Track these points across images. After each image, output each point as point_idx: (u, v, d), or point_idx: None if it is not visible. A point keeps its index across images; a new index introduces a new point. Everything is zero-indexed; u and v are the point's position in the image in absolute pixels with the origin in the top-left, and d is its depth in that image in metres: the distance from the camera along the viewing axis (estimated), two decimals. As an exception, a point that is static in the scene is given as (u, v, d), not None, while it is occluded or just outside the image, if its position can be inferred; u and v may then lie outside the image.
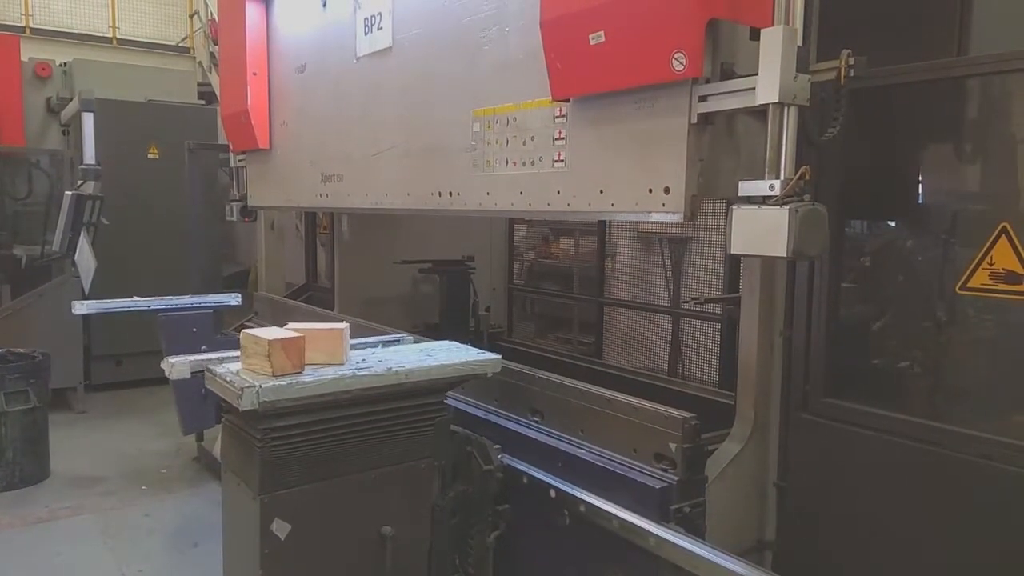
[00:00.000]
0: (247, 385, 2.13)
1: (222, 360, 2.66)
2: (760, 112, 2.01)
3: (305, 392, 2.21)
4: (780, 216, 1.83)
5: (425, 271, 5.65)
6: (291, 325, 2.46)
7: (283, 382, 2.19)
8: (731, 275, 4.59)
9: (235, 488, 2.35)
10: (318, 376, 2.26)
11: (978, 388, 2.19)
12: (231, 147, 5.17)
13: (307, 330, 2.38)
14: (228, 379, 2.22)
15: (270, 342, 2.22)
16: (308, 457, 2.27)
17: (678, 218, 2.12)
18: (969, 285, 2.12)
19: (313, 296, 6.21)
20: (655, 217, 2.21)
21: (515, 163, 2.72)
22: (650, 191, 2.20)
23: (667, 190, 2.15)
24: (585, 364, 4.80)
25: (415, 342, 3.17)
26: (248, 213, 5.39)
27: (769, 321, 2.58)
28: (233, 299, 5.01)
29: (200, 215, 6.63)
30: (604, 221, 6.29)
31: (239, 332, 5.36)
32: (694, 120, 2.08)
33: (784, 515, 2.62)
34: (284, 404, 2.18)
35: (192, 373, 2.64)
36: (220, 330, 5.30)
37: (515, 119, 2.71)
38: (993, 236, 2.06)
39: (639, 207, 2.24)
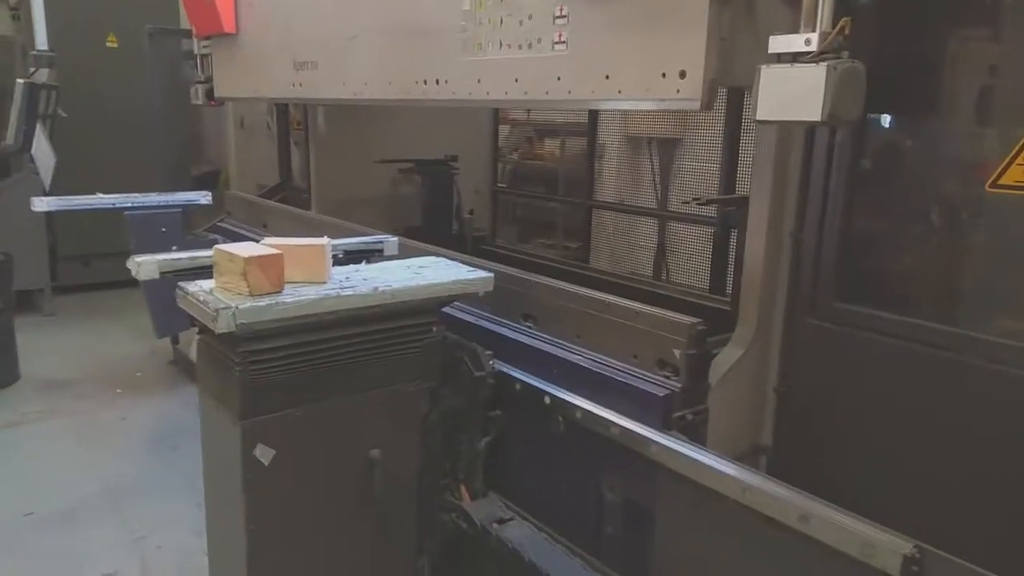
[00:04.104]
0: (222, 306, 1.95)
1: (193, 267, 2.48)
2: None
3: (285, 313, 2.04)
4: (816, 74, 1.63)
5: (406, 171, 5.41)
6: (268, 240, 2.27)
7: (261, 303, 2.01)
8: (727, 176, 4.42)
9: (214, 411, 2.21)
10: (299, 296, 2.08)
11: (1003, 291, 2.08)
12: (194, 32, 4.78)
13: (286, 246, 2.18)
14: (201, 299, 2.04)
15: (246, 260, 2.03)
16: (291, 381, 2.12)
17: (694, 105, 1.92)
18: (1001, 182, 1.97)
19: (288, 197, 5.94)
20: (668, 104, 2.01)
21: (510, 46, 2.47)
22: (663, 75, 1.99)
23: (683, 74, 1.94)
24: (572, 269, 4.67)
25: (400, 245, 3.01)
26: (215, 97, 5.04)
27: (778, 222, 2.43)
28: (203, 197, 4.76)
29: (164, 108, 6.25)
30: (594, 120, 6.05)
31: (210, 232, 5.17)
32: (717, -8, 1.85)
33: (782, 420, 2.56)
34: (263, 326, 2.02)
35: (161, 273, 2.46)
36: (190, 230, 5.08)
37: (510, -5, 2.44)
38: (1032, 129, 1.90)
39: (650, 93, 2.04)
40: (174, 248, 4.49)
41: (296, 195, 5.81)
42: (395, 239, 2.98)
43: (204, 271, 2.46)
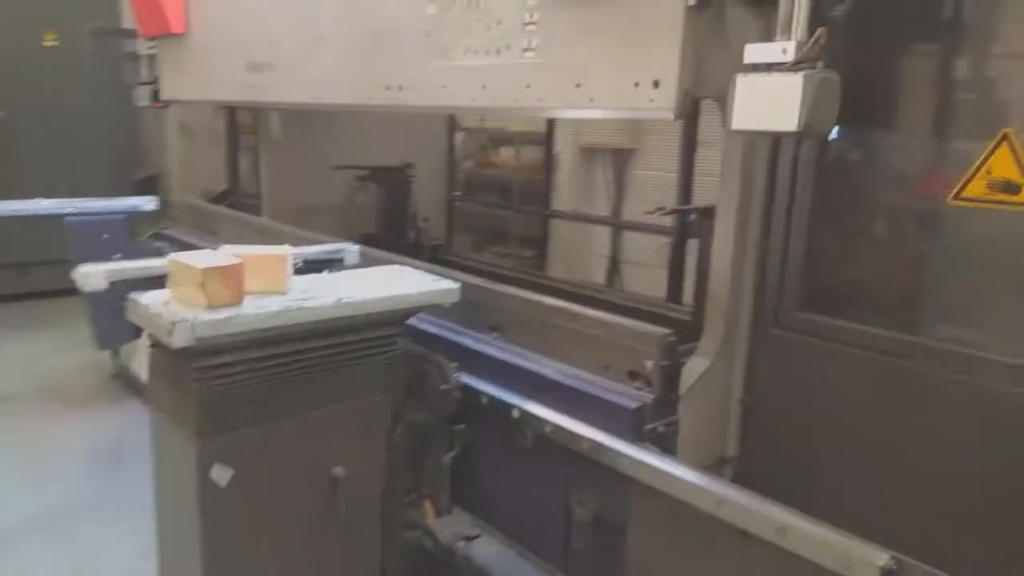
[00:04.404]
0: (179, 319, 1.86)
1: (143, 277, 2.37)
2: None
3: (246, 327, 1.95)
4: (793, 83, 1.64)
5: (362, 178, 5.31)
6: (225, 249, 2.17)
7: (220, 315, 1.92)
8: (684, 187, 4.47)
9: (168, 429, 2.10)
10: (260, 308, 1.99)
11: (965, 302, 2.12)
12: (140, 32, 4.61)
13: (245, 255, 2.09)
14: (155, 311, 1.94)
15: (204, 270, 1.93)
16: (250, 396, 2.03)
17: (668, 115, 1.92)
18: (964, 195, 2.01)
19: (237, 203, 5.78)
20: (641, 114, 2.00)
21: (477, 52, 2.43)
22: (636, 85, 1.98)
23: (656, 83, 1.93)
24: (531, 278, 4.64)
25: (360, 253, 2.93)
26: (161, 99, 4.86)
27: (744, 233, 2.44)
28: (149, 203, 4.58)
29: (106, 109, 6.02)
30: (551, 130, 6.06)
31: (156, 240, 4.98)
32: (691, 2, 1.84)
33: (747, 431, 2.56)
34: (222, 340, 1.93)
35: (109, 284, 2.34)
36: (134, 237, 4.88)
37: (479, 0, 2.40)
38: (993, 144, 1.95)
39: (622, 103, 2.02)
40: (118, 256, 4.33)
41: (246, 201, 5.65)
42: (356, 248, 2.90)
43: (155, 281, 2.35)
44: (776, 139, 2.34)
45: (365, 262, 2.86)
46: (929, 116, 2.13)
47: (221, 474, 2.01)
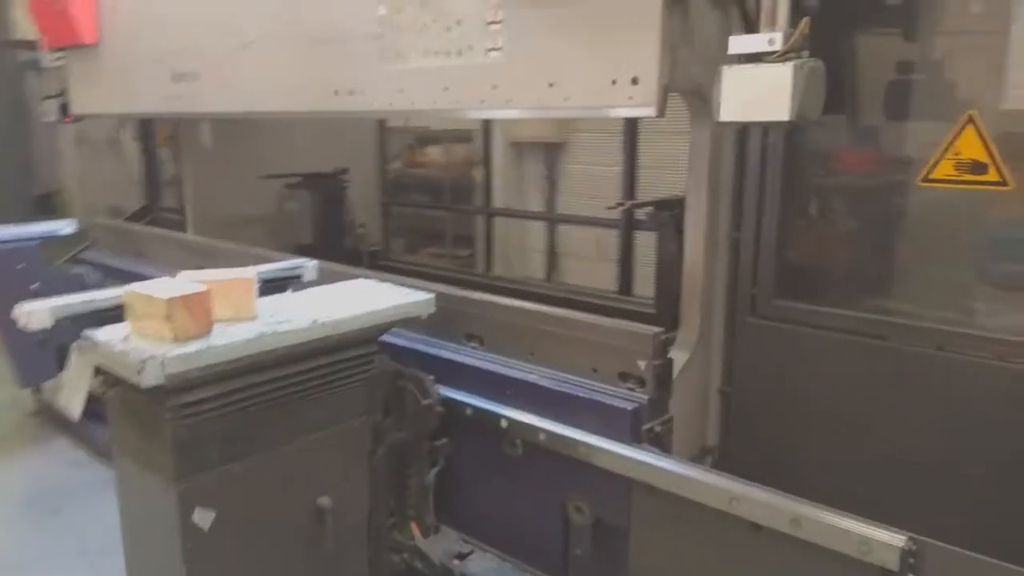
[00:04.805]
0: (148, 356, 1.70)
1: (91, 311, 2.18)
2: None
3: (220, 358, 1.81)
4: (783, 74, 1.64)
5: (293, 185, 5.11)
6: (187, 274, 2.02)
7: (191, 348, 1.77)
8: (628, 181, 4.49)
9: (138, 475, 1.92)
10: (232, 337, 1.86)
11: (937, 279, 2.19)
12: (44, 43, 4.27)
13: (208, 281, 1.94)
14: (118, 348, 1.77)
15: (169, 301, 1.78)
16: (227, 432, 1.89)
17: (649, 112, 1.88)
18: (932, 176, 2.07)
19: (157, 219, 5.46)
20: (620, 112, 1.97)
21: (436, 53, 2.34)
22: (614, 82, 1.94)
23: (635, 80, 1.90)
24: (478, 279, 4.58)
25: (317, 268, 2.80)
26: (70, 113, 4.51)
27: (715, 224, 2.45)
28: (66, 227, 4.26)
29: (2, 125, 5.58)
30: (485, 129, 5.99)
31: (73, 265, 4.63)
32: (670, -4, 1.82)
33: (727, 421, 2.59)
34: (193, 375, 1.78)
35: (56, 321, 2.14)
36: (51, 263, 4.54)
37: (434, 0, 2.31)
38: (959, 126, 2.01)
39: (600, 101, 1.97)
40: (35, 286, 4.02)
41: (167, 216, 5.35)
42: (313, 263, 2.76)
43: (104, 314, 2.17)
44: (742, 129, 2.36)
45: (324, 278, 2.73)
46: (894, 101, 2.18)
47: (203, 517, 1.87)
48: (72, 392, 4.56)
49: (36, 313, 2.08)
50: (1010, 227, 2.05)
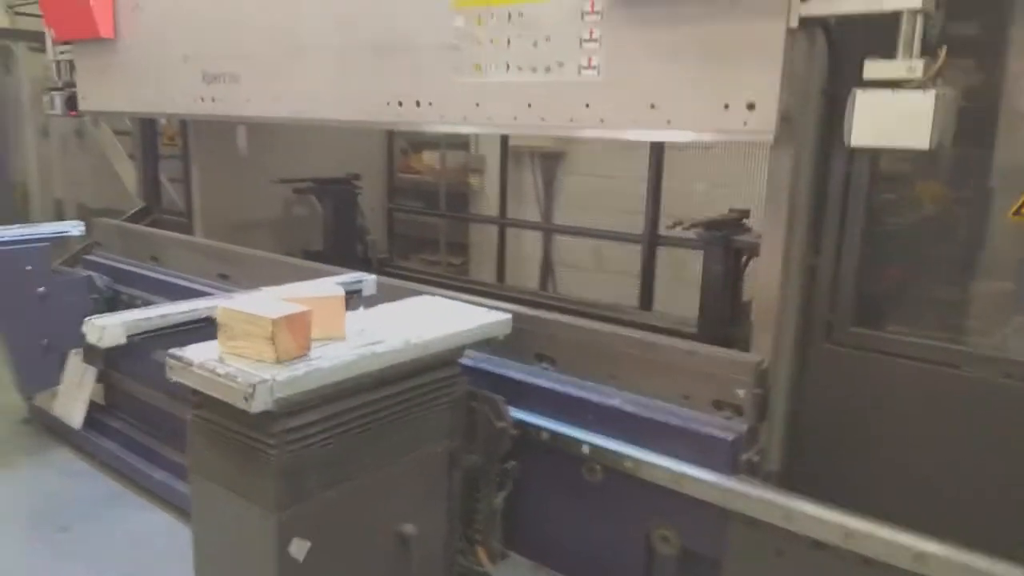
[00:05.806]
0: (258, 380, 1.61)
1: (164, 327, 2.06)
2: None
3: (325, 380, 1.73)
4: (924, 101, 1.63)
5: (304, 190, 4.98)
6: (273, 291, 1.93)
7: (297, 371, 1.69)
8: (654, 197, 4.47)
9: (224, 503, 1.81)
10: (333, 359, 1.77)
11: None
12: (53, 35, 4.08)
13: (303, 299, 1.86)
14: (221, 372, 1.67)
15: (274, 321, 1.69)
16: (328, 458, 1.80)
17: (766, 138, 1.86)
18: (1024, 211, 2.09)
19: (158, 221, 5.26)
20: (732, 137, 1.94)
21: (520, 68, 2.28)
22: (727, 107, 1.91)
23: (751, 106, 1.87)
24: (493, 291, 4.51)
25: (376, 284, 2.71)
26: (76, 107, 4.31)
27: (790, 249, 2.43)
28: (75, 228, 4.07)
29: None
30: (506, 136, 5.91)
31: (75, 266, 4.42)
32: (794, 24, 1.79)
33: (794, 446, 2.57)
34: (296, 399, 1.70)
35: (128, 337, 2.02)
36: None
37: (520, 14, 2.25)
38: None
39: (709, 125, 1.94)
40: (42, 289, 3.82)
41: (169, 219, 5.16)
42: (372, 278, 2.68)
43: (177, 329, 2.06)
44: (825, 155, 2.35)
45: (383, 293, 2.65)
46: (985, 133, 2.19)
47: (299, 548, 1.77)
48: (72, 400, 4.36)
49: (110, 329, 1.95)
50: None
